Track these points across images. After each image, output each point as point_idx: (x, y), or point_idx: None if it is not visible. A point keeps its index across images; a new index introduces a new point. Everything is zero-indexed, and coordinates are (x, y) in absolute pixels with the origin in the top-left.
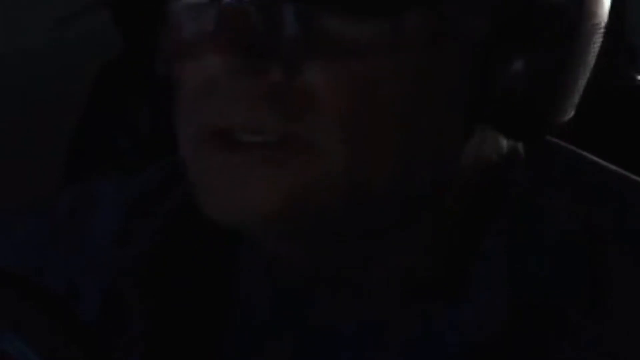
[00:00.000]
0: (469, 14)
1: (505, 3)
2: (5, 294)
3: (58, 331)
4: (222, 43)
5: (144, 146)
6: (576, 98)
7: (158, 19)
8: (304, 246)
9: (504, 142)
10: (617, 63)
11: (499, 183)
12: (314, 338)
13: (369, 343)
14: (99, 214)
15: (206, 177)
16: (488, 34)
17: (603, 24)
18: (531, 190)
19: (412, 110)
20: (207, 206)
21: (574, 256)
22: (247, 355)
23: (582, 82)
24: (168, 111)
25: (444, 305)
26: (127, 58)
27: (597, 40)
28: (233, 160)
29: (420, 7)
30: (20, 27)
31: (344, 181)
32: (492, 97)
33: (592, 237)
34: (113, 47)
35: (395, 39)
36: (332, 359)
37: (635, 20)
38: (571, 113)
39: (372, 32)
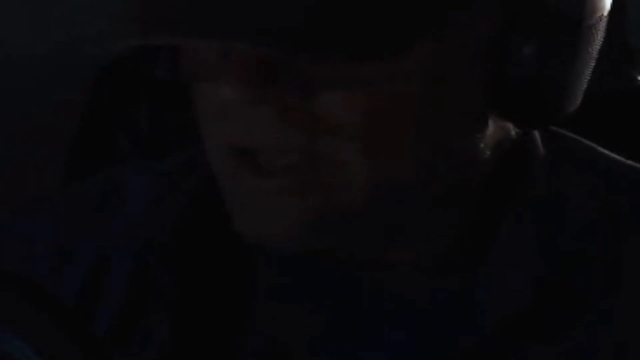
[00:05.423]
0: (475, 16)
1: (513, 3)
2: (5, 294)
3: (58, 331)
4: (236, 73)
5: (144, 146)
6: (583, 87)
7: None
8: (330, 244)
9: (512, 131)
10: (617, 63)
11: (518, 166)
12: (343, 313)
13: (398, 319)
14: (130, 191)
15: (236, 198)
16: (497, 30)
17: (606, 14)
18: (552, 172)
19: (427, 113)
20: (237, 224)
21: (594, 236)
22: (275, 322)
23: (588, 72)
24: (168, 112)
25: (472, 281)
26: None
27: (601, 31)
28: (262, 185)
29: (422, 40)
30: (21, 29)
31: (367, 189)
32: (504, 89)
33: (610, 217)
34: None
35: (399, 70)
36: (362, 334)
37: (635, 20)
38: (579, 102)
39: (376, 69)
